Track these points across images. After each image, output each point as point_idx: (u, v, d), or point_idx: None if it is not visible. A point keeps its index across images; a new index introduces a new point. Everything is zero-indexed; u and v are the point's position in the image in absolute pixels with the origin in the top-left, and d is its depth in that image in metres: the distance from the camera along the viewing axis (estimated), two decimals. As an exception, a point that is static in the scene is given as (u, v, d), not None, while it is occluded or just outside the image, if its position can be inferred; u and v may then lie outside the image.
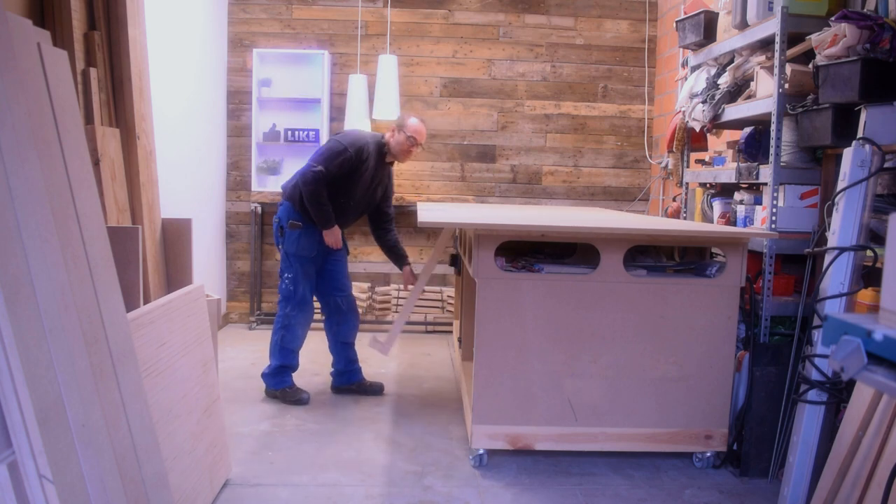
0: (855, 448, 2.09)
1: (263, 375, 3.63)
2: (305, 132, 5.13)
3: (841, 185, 2.40)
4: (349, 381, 3.73)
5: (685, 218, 3.80)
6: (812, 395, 2.43)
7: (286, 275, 3.55)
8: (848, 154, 2.38)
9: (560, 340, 2.77)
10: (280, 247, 3.57)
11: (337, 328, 3.70)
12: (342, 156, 3.42)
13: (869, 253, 2.37)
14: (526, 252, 3.16)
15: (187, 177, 4.43)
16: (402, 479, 2.71)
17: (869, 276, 2.42)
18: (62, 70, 1.72)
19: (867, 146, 2.34)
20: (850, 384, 2.29)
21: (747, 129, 3.22)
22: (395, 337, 3.54)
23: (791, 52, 2.78)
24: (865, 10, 2.60)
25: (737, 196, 3.18)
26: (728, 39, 3.15)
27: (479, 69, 5.37)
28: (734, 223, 3.18)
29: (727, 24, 3.19)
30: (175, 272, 2.90)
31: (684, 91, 3.57)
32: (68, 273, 1.58)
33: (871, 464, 2.00)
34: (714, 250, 3.19)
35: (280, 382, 3.58)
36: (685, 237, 2.99)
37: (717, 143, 3.89)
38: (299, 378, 3.76)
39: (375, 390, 3.73)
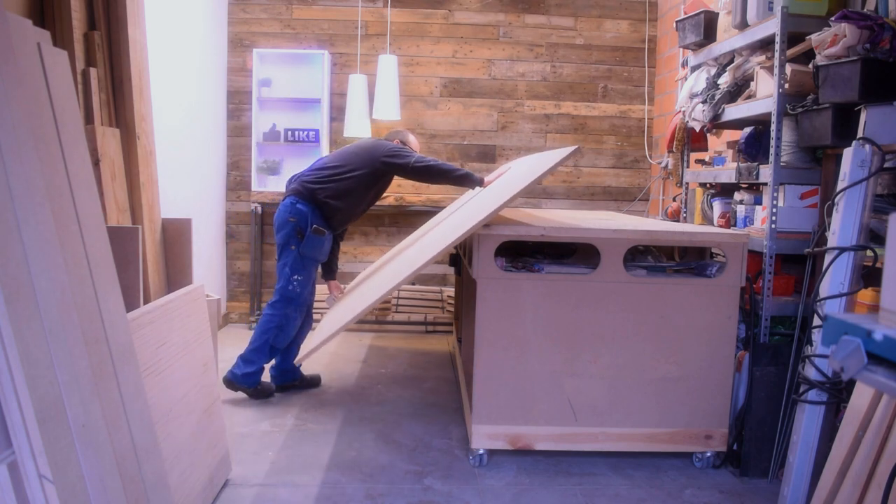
0: (855, 448, 2.09)
1: (243, 374, 3.51)
2: (305, 132, 5.13)
3: (841, 185, 2.40)
4: (294, 377, 3.74)
5: (685, 218, 3.80)
6: (812, 395, 2.43)
7: (296, 276, 3.52)
8: (848, 154, 2.38)
9: (560, 340, 2.77)
10: (292, 248, 3.51)
11: (301, 329, 3.73)
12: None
13: (869, 253, 2.37)
14: (526, 252, 3.16)
15: (187, 177, 4.43)
16: (402, 479, 2.71)
17: (869, 276, 2.42)
18: (62, 70, 1.72)
19: (867, 146, 2.34)
20: (850, 384, 2.28)
21: (747, 129, 3.22)
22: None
23: (791, 52, 2.78)
24: (865, 10, 2.60)
25: (737, 196, 3.18)
26: (728, 39, 3.15)
27: (479, 69, 5.37)
28: (734, 223, 3.18)
29: (727, 24, 3.19)
30: (175, 272, 2.90)
31: (684, 91, 3.57)
32: (68, 273, 1.58)
33: (871, 464, 2.00)
34: (714, 250, 3.19)
35: (256, 380, 3.55)
36: (685, 239, 2.99)
37: (717, 143, 3.89)
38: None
39: (316, 382, 3.79)
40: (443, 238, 2.83)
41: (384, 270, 3.47)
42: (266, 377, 3.68)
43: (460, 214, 3.29)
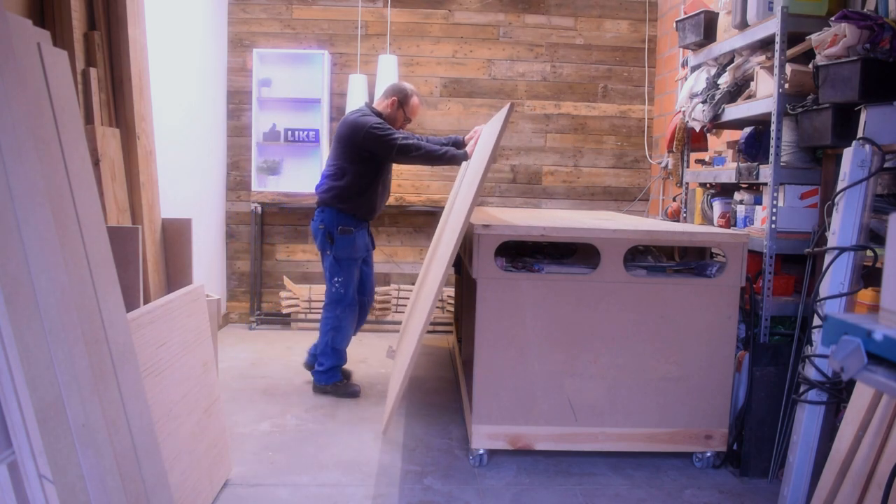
0: (855, 448, 2.09)
1: (316, 373, 3.72)
2: (305, 132, 5.13)
3: (841, 185, 2.40)
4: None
5: (685, 218, 3.80)
6: (812, 395, 2.43)
7: (336, 279, 3.61)
8: (848, 154, 2.38)
9: (560, 340, 2.77)
10: (328, 253, 3.61)
11: (355, 326, 3.82)
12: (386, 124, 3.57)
13: (869, 253, 2.37)
14: (526, 252, 3.16)
15: (187, 177, 4.43)
16: (402, 479, 2.71)
17: (869, 276, 2.42)
18: (62, 70, 1.72)
19: (867, 146, 2.34)
20: (850, 384, 2.29)
21: (747, 129, 3.22)
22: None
23: (791, 52, 2.78)
24: (865, 10, 2.60)
25: (737, 196, 3.18)
26: (728, 39, 3.15)
27: (479, 69, 5.37)
28: (734, 223, 3.18)
29: (727, 24, 3.19)
30: (175, 272, 2.90)
31: (684, 91, 3.57)
32: (68, 273, 1.58)
33: (871, 464, 2.00)
34: (714, 250, 3.19)
35: (331, 377, 3.70)
36: (685, 239, 2.99)
37: (717, 143, 3.89)
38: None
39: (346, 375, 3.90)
40: (440, 264, 2.87)
41: (419, 302, 3.48)
42: (354, 379, 3.86)
43: (456, 213, 3.29)
